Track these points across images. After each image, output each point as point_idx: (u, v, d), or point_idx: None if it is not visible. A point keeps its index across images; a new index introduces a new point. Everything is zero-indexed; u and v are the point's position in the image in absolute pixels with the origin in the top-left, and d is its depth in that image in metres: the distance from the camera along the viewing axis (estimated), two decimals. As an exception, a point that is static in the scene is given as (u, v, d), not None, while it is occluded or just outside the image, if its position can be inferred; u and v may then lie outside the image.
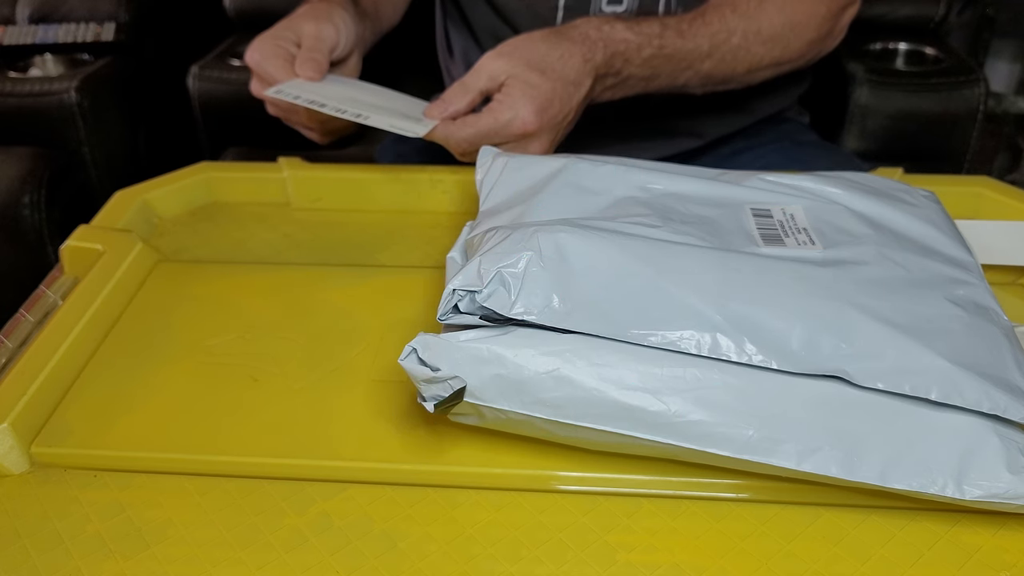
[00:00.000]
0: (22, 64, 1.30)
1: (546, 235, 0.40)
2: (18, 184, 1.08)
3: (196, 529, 0.38)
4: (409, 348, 0.37)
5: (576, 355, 0.37)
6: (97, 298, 0.50)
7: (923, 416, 0.37)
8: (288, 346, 0.49)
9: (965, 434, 0.37)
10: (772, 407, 0.37)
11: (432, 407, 0.37)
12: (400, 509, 0.39)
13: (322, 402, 0.45)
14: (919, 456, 0.36)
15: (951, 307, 0.41)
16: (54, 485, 0.41)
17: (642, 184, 0.48)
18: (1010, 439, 0.37)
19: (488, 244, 0.41)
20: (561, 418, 0.37)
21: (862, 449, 0.36)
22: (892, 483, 0.36)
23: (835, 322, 0.38)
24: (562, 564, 0.36)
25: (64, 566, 0.37)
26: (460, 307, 0.38)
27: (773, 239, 0.44)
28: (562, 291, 0.38)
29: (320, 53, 0.63)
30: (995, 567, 0.36)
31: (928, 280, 0.42)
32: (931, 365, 0.37)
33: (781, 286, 0.40)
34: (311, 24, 0.64)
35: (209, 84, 1.25)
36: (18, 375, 0.44)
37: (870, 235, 0.45)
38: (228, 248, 0.59)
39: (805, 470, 0.36)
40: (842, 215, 0.47)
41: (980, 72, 1.03)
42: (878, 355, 0.37)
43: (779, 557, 0.36)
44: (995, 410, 0.36)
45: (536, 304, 0.38)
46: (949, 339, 0.39)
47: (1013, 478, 0.36)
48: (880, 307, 0.39)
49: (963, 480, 0.36)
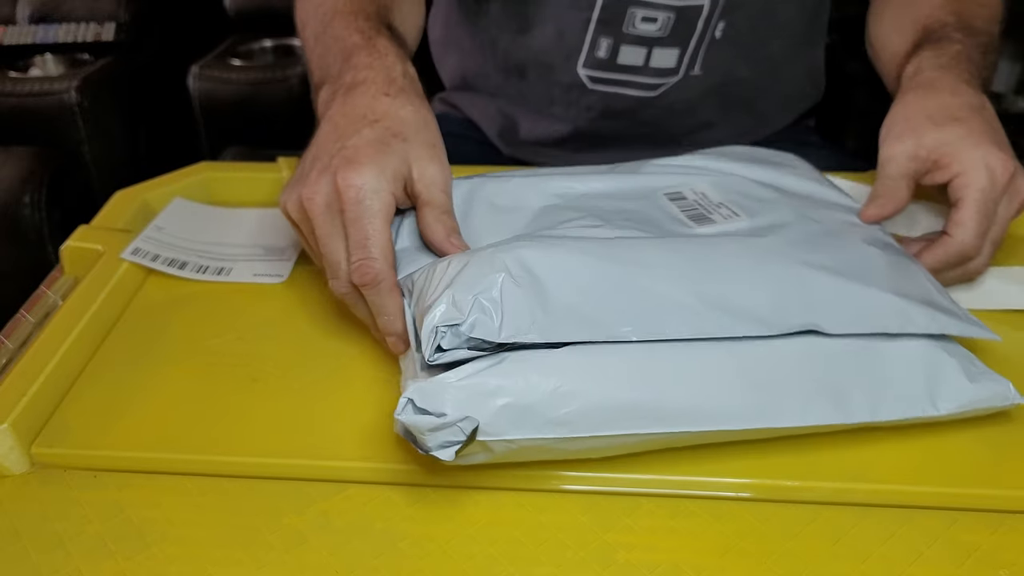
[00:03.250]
0: (22, 64, 1.30)
1: (508, 255, 0.39)
2: (18, 184, 1.08)
3: (196, 529, 0.38)
4: (405, 400, 0.36)
5: (573, 367, 0.37)
6: (97, 299, 0.50)
7: (885, 354, 0.41)
8: (288, 346, 0.49)
9: (923, 360, 0.41)
10: (764, 375, 0.39)
11: (453, 454, 0.35)
12: (400, 509, 0.39)
13: (322, 402, 0.45)
14: (895, 389, 0.40)
15: (869, 248, 0.45)
16: (54, 485, 0.41)
17: (556, 191, 0.49)
18: (958, 354, 0.42)
19: (447, 275, 0.39)
20: (574, 433, 0.37)
21: (848, 394, 0.40)
22: (882, 416, 0.40)
23: (792, 282, 0.41)
24: (562, 564, 0.36)
25: (64, 566, 0.37)
26: (443, 344, 0.37)
27: (701, 218, 0.47)
28: (542, 305, 0.38)
29: (459, 237, 0.46)
30: (994, 566, 0.36)
31: (840, 229, 0.46)
32: (882, 303, 0.41)
33: (734, 260, 0.42)
34: (439, 170, 0.46)
35: (209, 84, 1.26)
36: (18, 375, 0.44)
37: (778, 198, 0.49)
38: (228, 248, 0.59)
39: (809, 424, 0.39)
40: (745, 185, 0.50)
41: (980, 72, 1.03)
42: (837, 303, 0.41)
43: (779, 556, 0.36)
44: (941, 330, 0.41)
45: (522, 324, 0.37)
46: (882, 277, 0.43)
47: (974, 385, 0.41)
48: (820, 260, 0.43)
49: (936, 399, 0.40)
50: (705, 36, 0.66)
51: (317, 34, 0.55)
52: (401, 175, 0.44)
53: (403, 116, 0.46)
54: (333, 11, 0.54)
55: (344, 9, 0.54)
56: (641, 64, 0.67)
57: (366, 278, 0.42)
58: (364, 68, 0.48)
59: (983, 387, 0.41)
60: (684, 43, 0.66)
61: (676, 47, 0.66)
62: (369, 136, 0.44)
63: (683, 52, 0.67)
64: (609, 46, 0.67)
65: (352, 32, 0.52)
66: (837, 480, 0.39)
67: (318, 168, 0.44)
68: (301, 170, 0.45)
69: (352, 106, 0.46)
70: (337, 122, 0.46)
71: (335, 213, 0.43)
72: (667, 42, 0.66)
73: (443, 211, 0.45)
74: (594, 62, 0.68)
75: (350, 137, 0.44)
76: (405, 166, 0.44)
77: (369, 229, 0.42)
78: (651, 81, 0.68)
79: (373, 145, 0.44)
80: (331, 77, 0.50)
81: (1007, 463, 0.40)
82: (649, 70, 0.68)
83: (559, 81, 0.71)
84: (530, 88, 0.73)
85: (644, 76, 0.68)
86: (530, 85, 0.73)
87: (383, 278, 0.42)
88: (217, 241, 0.58)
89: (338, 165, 0.43)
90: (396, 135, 0.45)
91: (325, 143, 0.45)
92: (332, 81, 0.49)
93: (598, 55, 0.68)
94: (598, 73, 0.69)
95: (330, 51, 0.52)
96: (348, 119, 0.46)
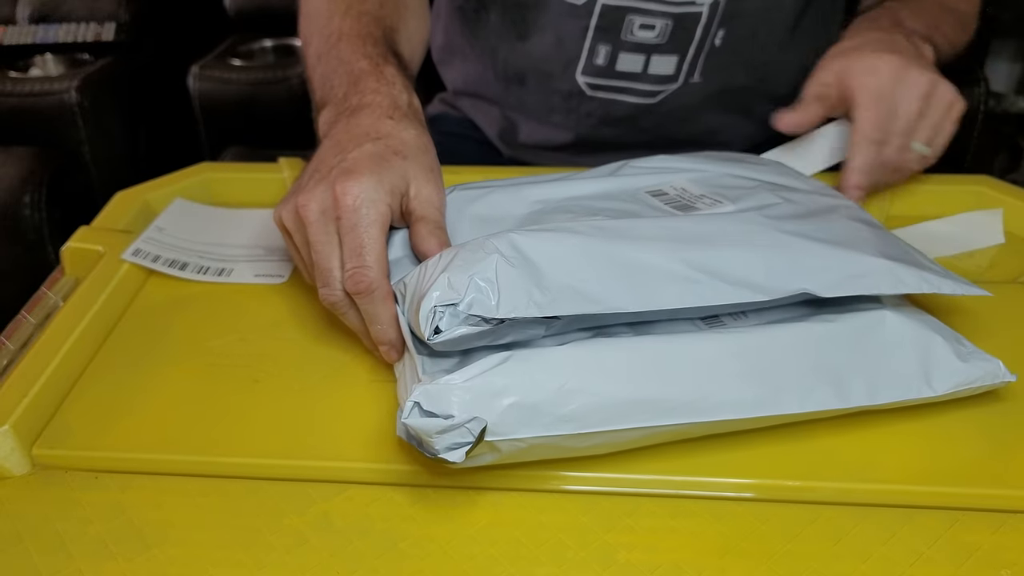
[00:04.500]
0: (22, 64, 1.30)
1: (499, 239, 0.39)
2: (18, 184, 1.08)
3: (197, 530, 0.38)
4: (411, 403, 0.36)
5: (577, 364, 0.37)
6: (98, 300, 0.50)
7: (879, 337, 0.41)
8: (289, 347, 0.49)
9: (915, 342, 0.41)
10: (764, 363, 0.40)
11: (463, 455, 0.35)
12: (400, 509, 0.39)
13: (322, 403, 0.45)
14: (891, 371, 0.41)
15: (854, 223, 0.46)
16: (56, 487, 0.41)
17: (539, 198, 0.49)
18: (948, 335, 0.42)
19: (440, 264, 0.39)
20: (581, 429, 0.37)
21: (846, 379, 0.40)
22: (880, 400, 0.40)
23: (782, 248, 0.42)
24: (562, 564, 0.36)
25: (66, 567, 0.37)
26: (441, 326, 0.37)
27: (687, 208, 0.47)
28: (537, 283, 0.38)
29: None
30: (995, 566, 0.36)
31: (824, 209, 0.47)
32: (871, 265, 0.42)
33: (725, 232, 0.43)
34: (435, 191, 0.46)
35: (209, 84, 1.25)
36: (19, 377, 0.44)
37: (759, 186, 0.50)
38: (228, 249, 0.59)
39: (809, 410, 0.39)
40: (724, 179, 0.51)
41: (980, 72, 1.03)
42: (827, 268, 0.41)
43: (779, 556, 0.36)
44: (933, 289, 0.42)
45: (519, 300, 0.37)
46: (869, 244, 0.44)
47: (966, 365, 0.41)
48: (807, 230, 0.44)
49: (931, 379, 0.41)
50: (704, 44, 0.66)
51: (321, 53, 0.55)
52: (399, 191, 0.44)
53: (405, 138, 0.46)
54: (339, 33, 0.55)
55: (351, 32, 0.54)
56: (640, 71, 0.67)
57: (360, 286, 0.41)
58: (371, 93, 0.49)
59: (974, 366, 0.41)
60: (683, 50, 0.66)
61: (675, 54, 0.66)
62: (370, 150, 0.44)
63: (682, 59, 0.67)
64: (607, 53, 0.67)
65: (360, 57, 0.52)
66: (838, 480, 0.39)
67: (316, 178, 0.44)
68: (299, 183, 0.46)
69: (355, 125, 0.47)
70: (339, 139, 0.46)
71: (330, 220, 0.42)
72: (666, 49, 0.66)
73: (437, 226, 0.45)
74: (593, 69, 0.68)
75: (351, 151, 0.44)
76: (403, 183, 0.45)
77: (365, 237, 0.42)
78: (650, 88, 0.68)
79: (373, 159, 0.44)
80: (336, 99, 0.50)
81: (1008, 463, 0.40)
82: (648, 77, 0.68)
83: (558, 89, 0.71)
84: (530, 95, 0.73)
85: (643, 83, 0.68)
86: (530, 92, 0.73)
87: (377, 286, 0.42)
88: (218, 242, 0.58)
89: (337, 175, 0.43)
90: (397, 153, 0.45)
91: (326, 157, 0.45)
92: (336, 103, 0.50)
93: (596, 62, 0.68)
94: (597, 80, 0.69)
95: (336, 73, 0.52)
96: (350, 136, 0.46)
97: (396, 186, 0.44)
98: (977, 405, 0.43)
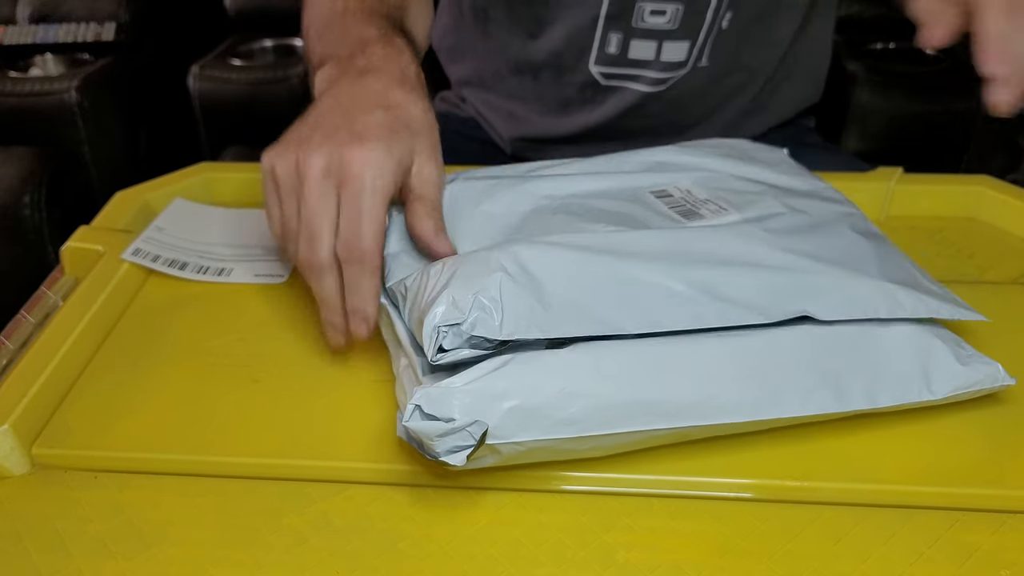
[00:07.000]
0: (22, 64, 1.30)
1: (503, 253, 0.40)
2: (18, 184, 1.08)
3: (196, 530, 0.38)
4: (412, 406, 0.35)
5: (578, 367, 0.37)
6: (98, 299, 0.50)
7: (879, 341, 0.41)
8: (289, 347, 0.49)
9: (915, 345, 0.41)
10: (764, 366, 0.40)
11: (464, 459, 0.35)
12: (400, 509, 0.39)
13: (322, 402, 0.45)
14: (890, 374, 0.41)
15: (856, 236, 0.46)
16: (55, 486, 0.41)
17: (544, 193, 0.48)
18: (947, 338, 0.42)
19: (443, 276, 0.39)
20: (582, 433, 0.37)
21: (846, 382, 0.40)
22: (879, 403, 0.40)
23: (784, 270, 0.42)
24: (562, 564, 0.36)
25: (65, 567, 0.37)
26: (445, 345, 0.37)
27: (690, 214, 0.47)
28: (541, 302, 0.38)
29: (446, 236, 0.45)
30: (995, 566, 0.36)
31: (828, 219, 0.47)
32: (871, 288, 0.42)
33: (728, 248, 0.43)
34: (436, 170, 0.46)
35: (209, 84, 1.26)
36: (19, 377, 0.44)
37: (765, 191, 0.50)
38: (228, 248, 0.59)
39: (809, 413, 0.39)
40: (729, 181, 0.51)
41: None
42: (827, 290, 0.41)
43: (779, 556, 0.36)
44: (930, 313, 0.42)
45: (522, 321, 0.37)
46: (870, 263, 0.44)
47: (965, 368, 0.41)
48: (810, 248, 0.44)
49: (931, 383, 0.41)
50: (714, 27, 0.66)
51: (328, 23, 0.54)
52: (405, 165, 0.44)
53: (414, 112, 0.46)
54: (345, 8, 0.54)
55: (357, 8, 0.54)
56: (652, 58, 0.68)
57: (355, 253, 0.41)
58: (379, 58, 0.48)
59: (974, 369, 0.41)
60: (694, 35, 0.66)
61: (687, 40, 0.66)
62: (381, 119, 0.44)
63: (693, 45, 0.67)
64: (619, 41, 0.67)
65: (369, 26, 0.52)
66: (838, 480, 0.39)
67: (321, 135, 0.43)
68: (298, 134, 0.44)
69: (364, 88, 0.46)
70: (343, 100, 0.45)
71: (331, 182, 0.42)
72: (678, 35, 0.66)
73: (434, 207, 0.45)
74: (606, 58, 0.68)
75: (362, 115, 0.44)
76: (409, 157, 0.44)
77: (366, 206, 0.41)
78: (661, 75, 0.69)
79: (384, 128, 0.43)
80: (340, 58, 0.49)
81: (1008, 463, 0.40)
82: (660, 64, 0.68)
83: (572, 80, 0.71)
84: (544, 88, 0.73)
85: (654, 71, 0.68)
86: (544, 86, 0.73)
87: (370, 257, 0.41)
88: (218, 242, 0.58)
89: (346, 138, 0.42)
90: (407, 127, 0.44)
91: (329, 115, 0.44)
92: (340, 61, 0.49)
93: (609, 51, 0.68)
94: (610, 69, 0.69)
95: (343, 38, 0.51)
96: (358, 100, 0.45)
97: (403, 159, 0.43)
98: (977, 406, 0.43)
